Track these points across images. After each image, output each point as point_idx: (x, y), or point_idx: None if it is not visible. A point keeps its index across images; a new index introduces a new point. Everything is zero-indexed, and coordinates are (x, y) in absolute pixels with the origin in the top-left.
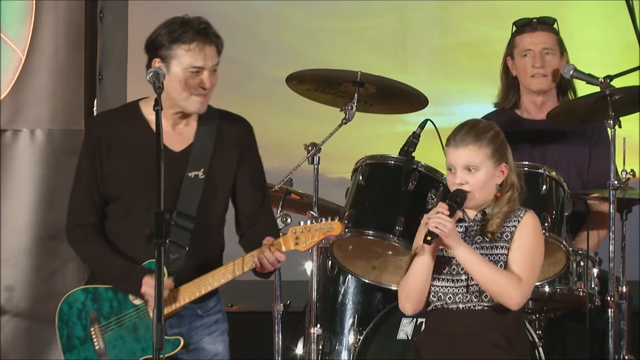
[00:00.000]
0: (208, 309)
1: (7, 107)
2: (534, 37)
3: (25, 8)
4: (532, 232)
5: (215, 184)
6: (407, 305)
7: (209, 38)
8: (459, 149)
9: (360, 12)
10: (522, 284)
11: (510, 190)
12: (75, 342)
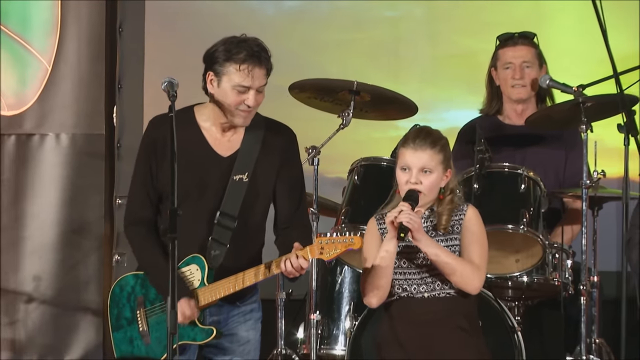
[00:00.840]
0: (245, 299)
1: (34, 113)
2: (515, 51)
3: (51, 22)
4: (478, 222)
5: (258, 188)
6: (373, 299)
7: (260, 61)
8: (417, 152)
9: (356, 26)
10: (480, 271)
11: (452, 194)
12: (123, 322)
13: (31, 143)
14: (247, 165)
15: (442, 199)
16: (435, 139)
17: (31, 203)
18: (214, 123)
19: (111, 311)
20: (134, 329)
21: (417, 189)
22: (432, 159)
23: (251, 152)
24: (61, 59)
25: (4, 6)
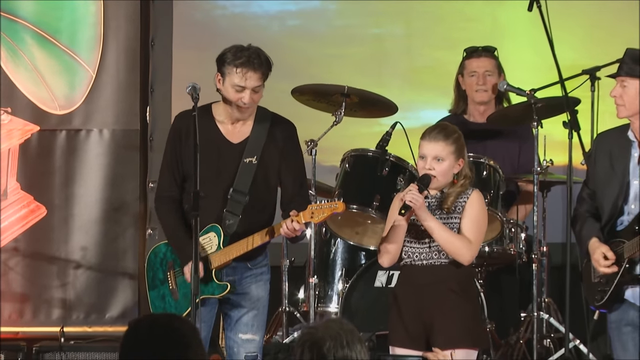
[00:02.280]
0: (256, 262)
1: (81, 112)
2: (479, 62)
3: (95, 38)
4: (478, 205)
5: (265, 169)
6: (385, 260)
7: (254, 66)
8: (431, 143)
9: (347, 41)
10: (471, 245)
11: (464, 179)
12: (157, 283)
13: (79, 137)
14: (256, 150)
15: (455, 183)
16: (448, 133)
17: (79, 186)
18: (225, 116)
19: (147, 274)
20: (165, 288)
21: (430, 174)
22: (444, 149)
23: (259, 139)
24: (103, 68)
25: (57, 24)
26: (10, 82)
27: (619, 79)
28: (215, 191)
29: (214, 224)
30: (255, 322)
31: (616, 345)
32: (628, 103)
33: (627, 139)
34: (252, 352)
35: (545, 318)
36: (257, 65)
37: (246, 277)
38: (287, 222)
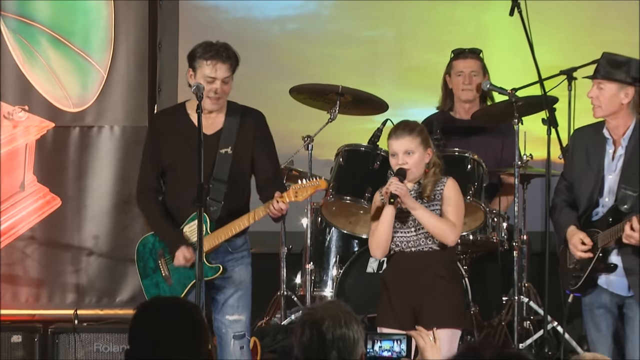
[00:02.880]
0: (237, 247)
1: (94, 110)
2: (465, 63)
3: (106, 40)
4: (455, 191)
5: (239, 157)
6: (378, 252)
7: (223, 58)
8: (399, 140)
9: (342, 43)
10: (455, 227)
11: (434, 167)
12: (149, 271)
13: (91, 133)
14: (230, 141)
15: (427, 172)
16: (412, 128)
17: (91, 179)
18: (191, 109)
19: (138, 264)
20: (158, 275)
21: (404, 167)
22: (412, 143)
23: (231, 130)
24: (114, 69)
25: (71, 27)
26: (27, 81)
27: (595, 81)
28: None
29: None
30: (240, 304)
31: (589, 326)
32: (604, 104)
33: (602, 136)
34: (240, 331)
35: (525, 302)
36: (225, 57)
37: (228, 261)
38: (273, 203)
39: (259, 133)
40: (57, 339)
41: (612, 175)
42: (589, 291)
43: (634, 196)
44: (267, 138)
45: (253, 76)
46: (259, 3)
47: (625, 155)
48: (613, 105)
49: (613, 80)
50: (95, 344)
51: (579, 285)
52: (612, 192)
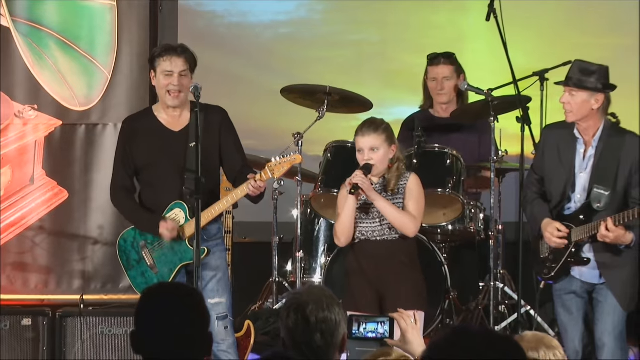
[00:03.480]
0: (211, 235)
1: (98, 109)
2: (438, 70)
3: (110, 43)
4: (417, 186)
5: (206, 150)
6: (342, 239)
7: (177, 52)
8: (365, 137)
9: (330, 46)
10: (416, 220)
11: (398, 162)
12: (133, 263)
13: (96, 130)
14: (194, 136)
15: (391, 167)
16: (377, 125)
17: (96, 173)
18: (163, 110)
19: (121, 259)
20: (143, 265)
21: (370, 163)
22: (377, 140)
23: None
24: (118, 70)
25: (77, 32)
26: (36, 82)
27: (567, 88)
28: (171, 174)
29: (177, 201)
30: (219, 287)
31: (560, 310)
32: (576, 110)
33: (573, 135)
34: (222, 312)
35: (501, 287)
36: (180, 51)
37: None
38: (251, 182)
39: (224, 127)
40: (64, 322)
41: (583, 174)
42: (561, 279)
43: (606, 195)
44: (233, 132)
45: (247, 77)
46: (253, 9)
47: (596, 156)
48: (584, 111)
49: (585, 88)
50: (100, 326)
51: (552, 274)
52: (584, 190)
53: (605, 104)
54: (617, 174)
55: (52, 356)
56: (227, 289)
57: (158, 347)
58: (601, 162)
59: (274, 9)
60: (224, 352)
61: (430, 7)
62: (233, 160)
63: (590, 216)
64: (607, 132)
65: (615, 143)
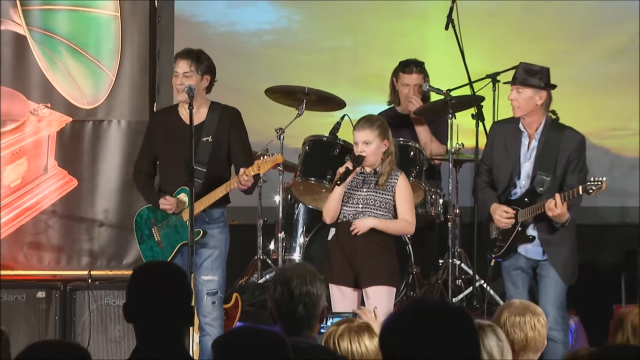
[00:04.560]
0: (213, 218)
1: (104, 107)
2: (411, 77)
3: (114, 49)
4: (406, 187)
5: (218, 145)
6: (327, 218)
7: (183, 56)
8: (360, 132)
9: (308, 51)
10: (411, 222)
11: (390, 156)
12: (145, 238)
13: (102, 126)
14: (210, 131)
15: (384, 159)
16: (372, 122)
17: (102, 164)
18: (183, 107)
19: (136, 232)
20: (152, 241)
21: (362, 154)
22: (370, 135)
23: (212, 122)
24: (121, 73)
25: (86, 39)
26: (49, 83)
27: (514, 87)
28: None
29: (183, 187)
30: (213, 266)
31: (508, 285)
32: (522, 105)
33: (519, 129)
34: (212, 289)
35: (458, 264)
36: (185, 55)
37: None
38: (239, 176)
39: (234, 126)
40: (74, 295)
41: (527, 163)
42: (509, 256)
43: (548, 180)
44: (241, 130)
45: (235, 79)
46: (240, 19)
47: (538, 147)
48: (530, 106)
49: (529, 86)
50: (105, 298)
51: (500, 253)
52: (527, 177)
53: (547, 101)
54: (557, 163)
55: (63, 325)
56: (221, 268)
57: (145, 317)
58: (543, 152)
59: (259, 19)
60: (209, 324)
61: (397, 17)
62: (238, 155)
63: (534, 199)
64: (548, 127)
65: (555, 136)
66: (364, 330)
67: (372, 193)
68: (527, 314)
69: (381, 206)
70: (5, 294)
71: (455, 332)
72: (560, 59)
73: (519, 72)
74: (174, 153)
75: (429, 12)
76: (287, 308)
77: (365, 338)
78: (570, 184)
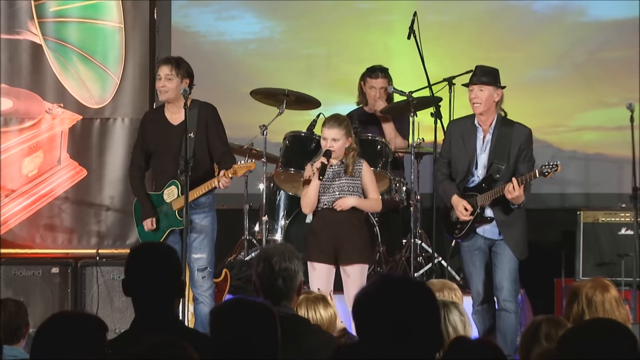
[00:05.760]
0: (200, 204)
1: (110, 107)
2: (377, 81)
3: (119, 57)
4: (369, 172)
5: (199, 139)
6: (307, 209)
7: (164, 62)
8: (329, 129)
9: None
10: (379, 199)
11: (353, 150)
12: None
13: (108, 123)
14: (192, 128)
15: (347, 154)
16: (340, 122)
17: (108, 156)
18: (169, 107)
19: (135, 214)
20: None
21: (331, 149)
22: (338, 133)
23: (192, 119)
24: (125, 77)
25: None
26: (62, 86)
27: (475, 86)
28: (170, 158)
29: (173, 180)
30: (201, 246)
31: (468, 263)
32: (484, 102)
33: (474, 125)
34: (202, 265)
35: (419, 243)
36: (166, 61)
37: (192, 215)
38: (220, 178)
39: (210, 121)
40: (84, 271)
41: (483, 154)
42: (469, 237)
43: (503, 168)
44: (217, 124)
45: (224, 82)
46: (228, 30)
47: (492, 140)
48: (489, 103)
49: (489, 84)
50: (111, 274)
51: (461, 234)
52: (484, 166)
53: (501, 99)
54: (509, 153)
55: (75, 297)
56: (209, 247)
57: (141, 290)
58: (497, 144)
59: (244, 30)
60: (201, 294)
61: (364, 29)
62: (215, 146)
63: (491, 185)
64: (500, 122)
65: (507, 130)
66: (320, 301)
67: (344, 181)
68: (444, 290)
69: (354, 191)
70: (24, 270)
71: (416, 302)
72: (506, 65)
73: (478, 73)
74: (162, 148)
75: (392, 25)
76: (268, 281)
77: (320, 307)
78: (522, 171)
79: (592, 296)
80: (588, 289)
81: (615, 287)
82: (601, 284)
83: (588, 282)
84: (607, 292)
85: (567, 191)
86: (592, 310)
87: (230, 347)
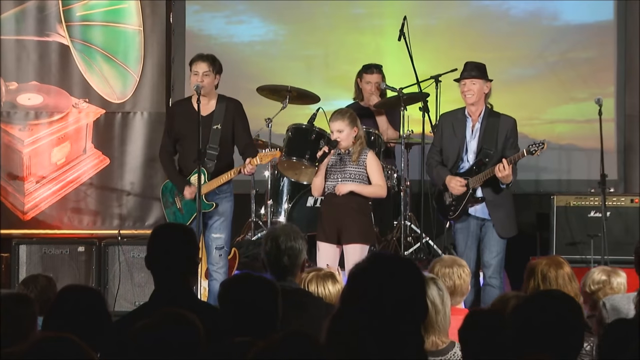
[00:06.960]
0: (222, 190)
1: (130, 102)
2: (372, 77)
3: (139, 57)
4: (376, 162)
5: (225, 131)
6: (315, 192)
7: (201, 58)
8: (334, 122)
9: (290, 59)
10: (383, 186)
11: (360, 139)
12: (169, 204)
13: (129, 116)
14: (219, 119)
15: (354, 143)
16: (343, 114)
17: (129, 146)
18: (194, 100)
19: (162, 198)
20: (174, 207)
21: (338, 139)
22: (342, 124)
23: (220, 112)
24: (143, 75)
25: (116, 48)
26: (87, 83)
27: (468, 80)
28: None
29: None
30: (221, 227)
31: (460, 242)
32: (476, 93)
33: (464, 115)
34: (220, 245)
35: (409, 225)
36: (203, 58)
37: (216, 199)
38: (246, 165)
39: (237, 114)
40: (107, 249)
41: (473, 141)
42: (462, 219)
43: (492, 153)
44: (243, 118)
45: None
46: (237, 33)
47: (481, 128)
48: (481, 94)
49: (481, 77)
50: (132, 252)
51: (455, 215)
52: (473, 152)
53: (490, 92)
54: (497, 139)
55: (99, 273)
56: (227, 229)
57: (161, 265)
58: (486, 132)
59: (251, 32)
60: (215, 271)
61: (358, 32)
62: (241, 139)
63: (481, 168)
64: (487, 113)
65: (494, 120)
66: (329, 277)
67: (349, 168)
68: (454, 266)
69: (356, 177)
70: (53, 249)
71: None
72: (488, 64)
73: (470, 68)
74: (189, 137)
75: (384, 28)
76: (275, 259)
77: (329, 283)
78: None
79: (546, 272)
80: (543, 265)
81: (569, 265)
82: (555, 261)
83: (544, 259)
84: (561, 269)
85: (542, 178)
86: (546, 285)
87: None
